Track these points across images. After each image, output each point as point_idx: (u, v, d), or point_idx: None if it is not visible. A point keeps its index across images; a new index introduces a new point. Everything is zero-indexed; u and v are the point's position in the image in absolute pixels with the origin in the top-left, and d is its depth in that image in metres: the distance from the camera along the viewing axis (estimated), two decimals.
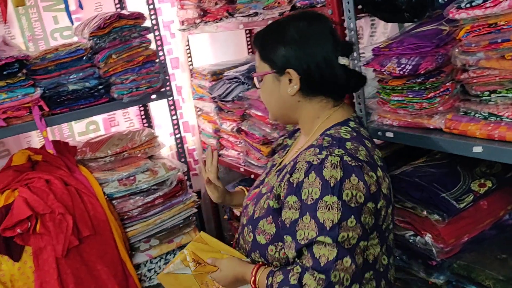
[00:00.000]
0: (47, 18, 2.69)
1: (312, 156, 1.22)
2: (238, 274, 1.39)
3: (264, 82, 1.40)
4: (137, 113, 2.99)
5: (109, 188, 2.27)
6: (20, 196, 2.08)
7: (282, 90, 1.36)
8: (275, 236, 1.29)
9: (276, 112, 1.43)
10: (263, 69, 1.39)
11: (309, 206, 1.17)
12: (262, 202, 1.36)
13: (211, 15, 2.64)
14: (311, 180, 1.19)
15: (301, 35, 1.32)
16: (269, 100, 1.42)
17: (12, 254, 2.01)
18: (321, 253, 1.15)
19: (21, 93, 2.14)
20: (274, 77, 1.36)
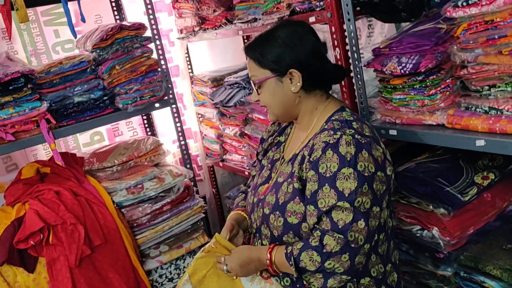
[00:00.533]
0: (48, 32, 2.72)
1: (327, 137, 1.39)
2: (251, 255, 1.50)
3: (265, 87, 1.52)
4: (140, 122, 3.03)
5: (118, 197, 2.30)
6: (31, 209, 2.11)
7: (285, 89, 1.50)
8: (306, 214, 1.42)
9: (279, 112, 1.55)
10: (263, 75, 1.50)
11: (328, 178, 1.34)
12: (284, 188, 1.48)
13: (210, 22, 2.68)
14: (329, 156, 1.36)
15: (293, 37, 1.48)
16: (271, 102, 1.53)
17: (27, 265, 2.04)
18: (339, 217, 1.32)
19: (28, 107, 2.17)
20: (276, 79, 1.49)
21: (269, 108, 1.56)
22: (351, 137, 1.37)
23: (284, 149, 1.66)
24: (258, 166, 1.80)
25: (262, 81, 1.51)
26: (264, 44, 1.50)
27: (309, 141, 1.48)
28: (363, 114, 1.80)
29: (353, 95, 1.85)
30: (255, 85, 1.54)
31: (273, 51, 1.47)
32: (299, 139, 1.58)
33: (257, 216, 1.59)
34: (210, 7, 2.63)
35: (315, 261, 1.33)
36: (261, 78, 1.51)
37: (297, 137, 1.61)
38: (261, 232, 1.58)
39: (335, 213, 1.32)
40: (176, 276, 2.45)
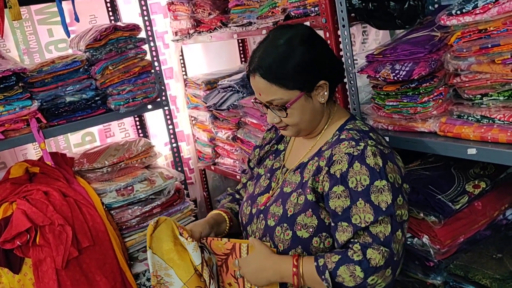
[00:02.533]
0: (42, 31, 2.71)
1: (350, 148, 1.32)
2: (268, 262, 1.38)
3: (293, 107, 1.38)
4: (132, 124, 3.01)
5: (108, 199, 2.28)
6: (19, 209, 2.08)
7: (315, 103, 1.41)
8: (318, 228, 1.36)
9: (307, 127, 1.45)
10: (292, 96, 1.36)
11: (361, 192, 1.27)
12: (293, 199, 1.41)
13: (205, 25, 2.67)
14: (357, 169, 1.29)
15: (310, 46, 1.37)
16: (301, 119, 1.41)
17: (12, 266, 2.01)
18: (378, 230, 1.26)
19: (19, 106, 2.15)
20: (305, 96, 1.38)
21: (294, 126, 1.43)
22: (375, 148, 1.31)
23: (285, 157, 1.59)
24: (249, 174, 1.76)
25: (293, 103, 1.37)
26: (284, 63, 1.34)
27: (322, 150, 1.41)
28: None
29: (346, 100, 1.84)
30: (283, 109, 1.38)
31: (297, 69, 1.34)
32: (304, 147, 1.51)
33: (256, 228, 1.50)
34: (205, 10, 2.62)
35: (357, 277, 1.24)
36: (291, 100, 1.36)
37: (301, 145, 1.53)
38: (274, 236, 1.46)
39: (372, 228, 1.26)
40: None
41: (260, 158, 1.68)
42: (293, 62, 1.33)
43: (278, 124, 1.44)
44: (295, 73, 1.34)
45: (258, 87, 1.39)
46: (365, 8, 1.75)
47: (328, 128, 1.46)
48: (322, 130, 1.47)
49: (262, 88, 1.37)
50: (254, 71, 1.37)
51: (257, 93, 1.41)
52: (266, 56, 1.36)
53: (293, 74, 1.34)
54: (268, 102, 1.39)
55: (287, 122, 1.42)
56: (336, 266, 1.26)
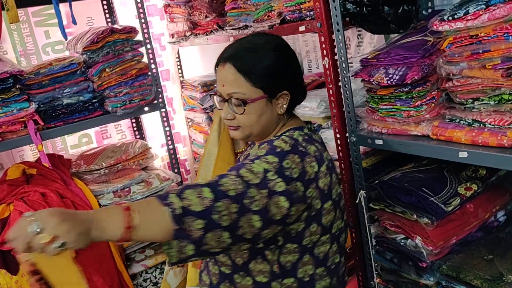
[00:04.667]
0: (39, 33, 2.72)
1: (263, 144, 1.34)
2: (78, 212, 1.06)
3: (252, 107, 1.36)
4: (128, 125, 3.03)
5: (105, 200, 2.30)
6: (16, 210, 2.09)
7: (273, 110, 1.40)
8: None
9: (257, 132, 1.42)
10: (255, 94, 1.35)
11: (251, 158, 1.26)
12: None
13: (201, 27, 2.69)
14: (261, 147, 1.32)
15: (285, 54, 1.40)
16: (255, 122, 1.39)
17: (9, 267, 2.02)
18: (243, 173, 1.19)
19: (16, 108, 2.17)
20: (266, 100, 1.37)
21: (246, 128, 1.41)
22: (292, 140, 1.32)
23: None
24: None
25: (254, 101, 1.36)
26: (257, 60, 1.35)
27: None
28: (351, 123, 1.82)
29: (340, 104, 1.86)
30: (242, 103, 1.35)
31: (267, 70, 1.35)
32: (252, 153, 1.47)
33: None
34: (202, 12, 2.64)
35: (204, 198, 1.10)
36: (252, 98, 1.35)
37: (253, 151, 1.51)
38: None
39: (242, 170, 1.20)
40: (161, 280, 2.44)
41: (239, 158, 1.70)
42: (265, 63, 1.35)
43: (231, 122, 1.41)
44: (265, 73, 1.35)
45: (225, 77, 1.37)
46: (359, 13, 1.77)
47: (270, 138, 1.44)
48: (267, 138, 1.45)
49: (229, 78, 1.36)
50: (226, 60, 1.36)
51: (221, 84, 1.39)
52: (242, 49, 1.38)
53: (263, 73, 1.35)
54: (229, 94, 1.37)
55: (240, 122, 1.39)
56: (181, 189, 1.13)
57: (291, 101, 1.41)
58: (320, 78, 2.58)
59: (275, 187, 1.20)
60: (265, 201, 1.17)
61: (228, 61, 1.36)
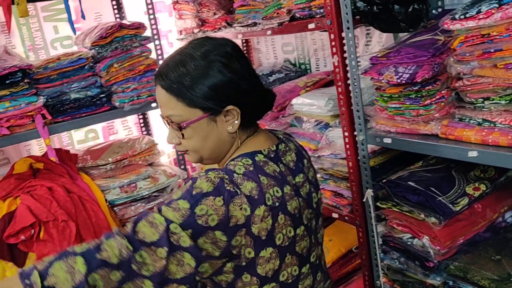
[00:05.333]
0: (48, 28, 2.73)
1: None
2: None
3: (192, 129, 1.19)
4: (135, 121, 3.03)
5: (111, 195, 2.30)
6: (23, 204, 2.10)
7: (220, 129, 1.21)
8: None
9: (210, 155, 1.26)
10: (191, 115, 1.17)
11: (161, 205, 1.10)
12: None
13: (210, 24, 2.69)
14: (183, 186, 1.12)
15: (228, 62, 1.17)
16: (202, 145, 1.22)
17: (16, 260, 2.03)
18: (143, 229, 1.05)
19: (24, 102, 2.17)
20: (208, 119, 1.19)
21: (194, 152, 1.24)
22: (218, 179, 1.09)
23: None
24: None
25: (190, 124, 1.18)
26: (187, 73, 1.16)
27: None
28: (359, 122, 1.81)
29: (349, 102, 1.86)
30: (179, 128, 1.19)
31: (205, 84, 1.15)
32: None
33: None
34: (210, 9, 2.64)
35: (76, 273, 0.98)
36: (189, 120, 1.17)
37: None
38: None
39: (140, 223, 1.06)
40: None
41: None
42: (199, 77, 1.16)
43: (178, 146, 1.26)
44: (199, 89, 1.15)
45: (159, 98, 1.22)
46: (370, 11, 1.76)
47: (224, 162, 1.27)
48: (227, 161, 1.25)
49: (162, 99, 1.20)
50: (156, 79, 1.21)
51: (159, 106, 1.24)
52: (171, 64, 1.19)
53: (197, 91, 1.15)
54: (167, 117, 1.21)
55: (186, 146, 1.23)
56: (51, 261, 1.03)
57: (245, 115, 1.21)
58: (328, 77, 2.57)
59: (179, 241, 1.03)
60: (160, 263, 1.02)
61: (159, 81, 1.20)
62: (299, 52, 2.96)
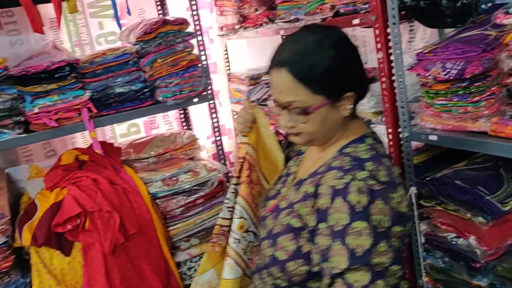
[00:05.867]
0: (93, 24, 2.80)
1: (334, 180, 1.20)
2: None
3: (314, 115, 1.25)
4: (176, 116, 3.07)
5: (153, 188, 2.34)
6: (70, 194, 2.16)
7: (337, 114, 1.28)
8: (295, 253, 1.25)
9: (322, 138, 1.32)
10: (316, 102, 1.24)
11: (338, 233, 1.14)
12: (281, 218, 1.32)
13: (251, 21, 2.71)
14: (337, 206, 1.16)
15: (347, 51, 1.27)
16: (318, 129, 1.28)
17: (63, 249, 2.08)
18: (354, 279, 1.11)
19: (72, 95, 2.23)
20: (329, 106, 1.26)
21: (308, 135, 1.30)
22: (363, 183, 1.15)
23: (301, 163, 1.48)
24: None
25: (315, 110, 1.24)
26: (315, 64, 1.22)
27: (317, 172, 1.30)
28: (404, 119, 1.79)
29: (393, 99, 1.84)
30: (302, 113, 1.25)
31: (332, 72, 1.22)
32: (312, 157, 1.41)
33: (259, 232, 1.46)
34: (251, 6, 2.66)
35: None
36: (313, 106, 1.23)
37: (312, 154, 1.43)
38: (261, 249, 1.40)
39: (349, 275, 1.12)
40: None
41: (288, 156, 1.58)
42: (325, 65, 1.22)
43: (291, 129, 1.30)
44: (325, 77, 1.22)
45: (281, 84, 1.25)
46: (416, 6, 1.74)
47: (334, 145, 1.33)
48: (329, 144, 1.34)
49: (285, 86, 1.24)
50: (281, 65, 1.24)
51: (277, 91, 1.27)
52: (298, 52, 1.24)
53: (323, 78, 1.22)
54: (288, 103, 1.25)
55: (302, 129, 1.29)
56: None
57: (357, 99, 1.30)
58: (369, 73, 2.54)
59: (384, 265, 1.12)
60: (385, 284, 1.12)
61: (283, 67, 1.23)
62: None
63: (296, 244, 1.25)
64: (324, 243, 1.17)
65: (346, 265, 1.11)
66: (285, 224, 1.29)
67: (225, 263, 1.51)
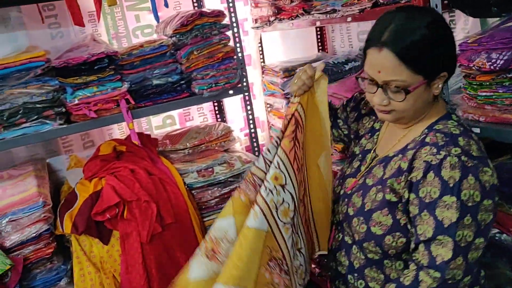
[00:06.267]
0: (130, 16, 2.83)
1: (429, 155, 1.27)
2: None
3: (412, 93, 1.30)
4: (210, 109, 3.09)
5: (189, 179, 2.36)
6: (108, 184, 2.20)
7: (430, 93, 1.34)
8: (392, 227, 1.34)
9: (412, 116, 1.39)
10: (415, 81, 1.29)
11: (427, 204, 1.24)
12: (372, 194, 1.40)
13: (286, 12, 2.69)
14: (429, 180, 1.25)
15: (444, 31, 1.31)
16: (411, 107, 1.34)
17: (102, 237, 2.13)
18: (438, 253, 1.21)
19: (110, 87, 2.27)
20: (426, 85, 1.31)
21: (400, 112, 1.36)
22: (457, 159, 1.22)
23: (378, 140, 1.56)
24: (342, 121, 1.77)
25: (415, 89, 1.29)
26: (421, 45, 1.26)
27: (408, 148, 1.37)
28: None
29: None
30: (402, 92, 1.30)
31: (434, 53, 1.27)
32: (394, 135, 1.47)
33: (340, 210, 1.54)
34: None
35: None
36: (413, 86, 1.29)
37: (392, 132, 1.49)
38: (343, 228, 1.52)
39: (434, 247, 1.22)
40: None
41: (358, 134, 1.64)
42: (427, 45, 1.26)
43: (384, 107, 1.36)
44: (427, 57, 1.27)
45: (381, 63, 1.29)
46: None
47: (420, 123, 1.40)
48: (414, 123, 1.41)
49: (387, 65, 1.28)
50: (384, 45, 1.27)
51: (375, 70, 1.32)
52: (404, 33, 1.27)
53: (425, 58, 1.27)
54: (386, 81, 1.31)
55: (395, 107, 1.34)
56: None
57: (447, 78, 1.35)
58: None
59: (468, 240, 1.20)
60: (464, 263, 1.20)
61: (386, 46, 1.27)
62: None
63: (392, 219, 1.34)
64: (413, 211, 1.28)
65: (431, 234, 1.21)
66: (378, 200, 1.37)
67: (251, 211, 1.43)
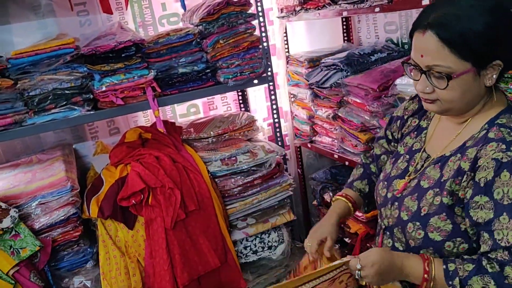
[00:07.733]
0: (156, 5, 2.85)
1: (498, 152, 1.18)
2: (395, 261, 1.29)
3: (456, 81, 1.21)
4: (234, 98, 3.10)
5: (213, 167, 2.39)
6: (134, 170, 2.24)
7: (480, 83, 1.24)
8: (452, 233, 1.27)
9: (460, 108, 1.29)
10: (461, 67, 1.20)
11: (506, 206, 1.15)
12: (429, 197, 1.32)
13: (313, 2, 2.67)
14: (505, 179, 1.16)
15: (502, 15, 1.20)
16: (459, 97, 1.25)
17: (127, 222, 2.18)
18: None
19: (137, 75, 2.30)
20: (474, 73, 1.22)
21: (445, 103, 1.27)
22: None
23: (427, 139, 1.46)
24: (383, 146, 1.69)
25: (460, 75, 1.20)
26: (468, 29, 1.16)
27: (466, 146, 1.29)
28: None
29: None
30: (445, 78, 1.21)
31: (484, 39, 1.17)
32: (448, 132, 1.38)
33: (390, 214, 1.44)
34: None
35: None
36: (458, 72, 1.20)
37: (445, 128, 1.40)
38: (394, 233, 1.43)
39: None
40: (260, 249, 2.51)
41: (402, 133, 1.56)
42: (477, 30, 1.16)
43: (428, 95, 1.28)
44: (475, 43, 1.17)
45: (425, 47, 1.22)
46: None
47: (478, 117, 1.30)
48: (471, 117, 1.32)
49: (431, 49, 1.21)
50: (429, 28, 1.20)
51: (419, 54, 1.25)
52: (449, 15, 1.19)
53: (473, 44, 1.17)
54: (429, 66, 1.23)
55: (440, 96, 1.26)
56: (469, 274, 1.18)
57: (501, 70, 1.24)
58: None
59: None
60: None
61: (430, 29, 1.20)
62: (403, 32, 2.86)
63: (452, 224, 1.27)
64: (485, 216, 1.18)
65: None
66: (436, 204, 1.29)
67: None
